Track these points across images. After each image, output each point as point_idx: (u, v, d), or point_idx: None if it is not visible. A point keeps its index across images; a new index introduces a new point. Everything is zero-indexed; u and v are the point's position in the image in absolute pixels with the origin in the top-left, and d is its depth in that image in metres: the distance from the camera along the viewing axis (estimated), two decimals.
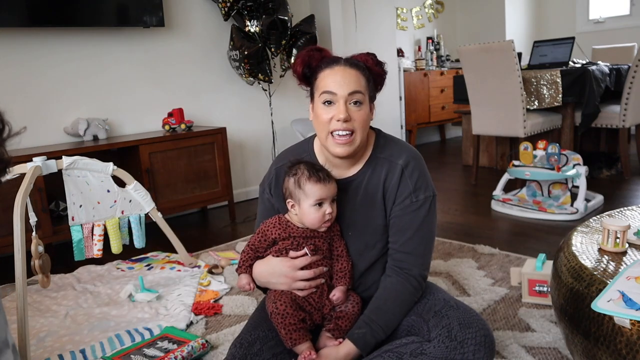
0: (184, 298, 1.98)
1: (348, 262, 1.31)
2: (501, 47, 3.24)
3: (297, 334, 1.21)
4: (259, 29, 3.34)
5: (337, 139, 1.23)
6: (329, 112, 1.23)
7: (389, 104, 4.88)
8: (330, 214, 1.25)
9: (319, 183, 1.23)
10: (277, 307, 1.23)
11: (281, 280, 1.26)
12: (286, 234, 1.27)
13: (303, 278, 1.25)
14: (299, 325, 1.22)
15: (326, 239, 1.29)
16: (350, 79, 1.23)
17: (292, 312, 1.22)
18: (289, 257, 1.27)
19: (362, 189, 1.32)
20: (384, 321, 1.24)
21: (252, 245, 1.31)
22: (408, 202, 1.28)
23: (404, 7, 5.55)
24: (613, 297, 1.04)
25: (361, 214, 1.31)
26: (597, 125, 3.56)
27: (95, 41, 3.03)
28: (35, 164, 1.81)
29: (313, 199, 1.23)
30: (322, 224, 1.26)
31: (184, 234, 2.88)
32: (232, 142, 3.59)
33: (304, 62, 1.29)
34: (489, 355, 1.15)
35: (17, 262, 1.60)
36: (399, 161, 1.30)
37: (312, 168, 1.26)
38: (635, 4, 5.28)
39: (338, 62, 1.26)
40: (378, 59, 1.31)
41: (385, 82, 1.34)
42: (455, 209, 3.11)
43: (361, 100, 1.24)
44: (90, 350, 1.64)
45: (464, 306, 1.25)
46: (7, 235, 2.37)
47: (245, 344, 1.24)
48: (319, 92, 1.25)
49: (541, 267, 1.79)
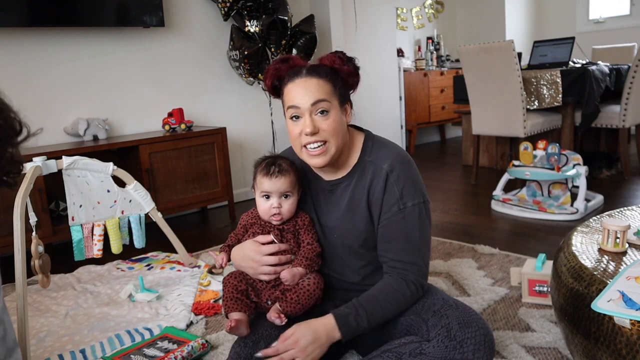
0: (184, 298, 1.98)
1: (313, 250, 1.33)
2: (501, 47, 3.24)
3: (232, 303, 1.28)
4: (258, 29, 3.35)
5: (310, 151, 1.23)
6: (297, 127, 1.23)
7: (389, 104, 4.88)
8: (277, 208, 1.29)
9: (266, 177, 1.29)
10: (227, 279, 1.33)
11: (249, 264, 1.30)
12: (253, 220, 1.36)
13: (268, 263, 1.28)
14: (236, 295, 1.29)
15: (290, 230, 1.33)
16: (312, 89, 1.21)
17: (234, 283, 1.30)
18: (257, 242, 1.31)
19: (349, 193, 1.32)
20: (371, 310, 1.21)
21: (235, 231, 1.42)
22: (395, 209, 1.25)
23: (404, 7, 5.55)
24: (613, 297, 1.04)
25: (345, 219, 1.32)
26: (597, 125, 3.56)
27: (95, 41, 3.04)
28: (35, 164, 1.81)
29: (260, 190, 1.31)
30: (269, 216, 1.31)
31: (184, 234, 2.88)
32: (232, 142, 3.59)
33: (272, 76, 1.28)
34: (488, 355, 1.15)
35: (17, 262, 1.60)
36: (384, 165, 1.27)
37: (270, 162, 1.31)
38: (635, 4, 5.28)
39: (299, 74, 1.24)
40: (347, 56, 1.28)
41: (360, 79, 1.30)
42: (455, 209, 3.11)
43: (327, 108, 1.21)
44: (90, 350, 1.64)
45: (463, 306, 1.24)
46: (7, 235, 2.37)
47: (250, 343, 1.24)
48: (286, 107, 1.26)
49: (541, 267, 1.79)
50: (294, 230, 1.34)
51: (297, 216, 1.34)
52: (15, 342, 0.83)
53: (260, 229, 1.34)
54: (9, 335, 0.81)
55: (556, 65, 3.63)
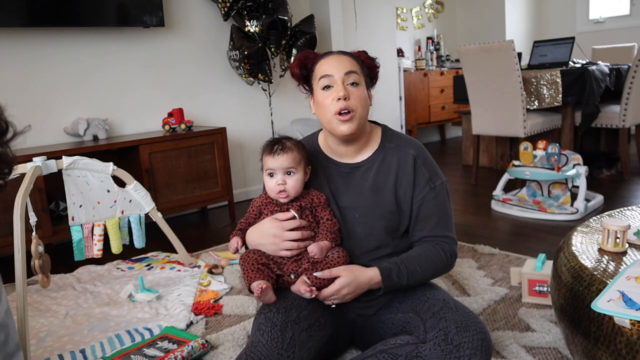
0: (184, 298, 1.98)
1: (334, 224, 1.34)
2: (501, 47, 3.24)
3: (255, 273, 1.27)
4: (258, 29, 3.35)
5: (341, 116, 1.27)
6: (329, 96, 1.28)
7: (389, 104, 4.88)
8: (282, 185, 1.30)
9: (269, 155, 1.31)
10: (245, 255, 1.31)
11: (270, 240, 1.29)
12: (268, 200, 1.36)
13: (290, 238, 1.29)
14: (256, 266, 1.27)
15: (308, 207, 1.34)
16: (345, 62, 1.30)
17: (254, 257, 1.29)
18: (277, 219, 1.31)
19: (372, 175, 1.36)
20: (412, 269, 1.28)
21: (245, 216, 1.41)
22: (427, 189, 1.34)
23: (404, 7, 5.55)
24: (613, 297, 1.04)
25: (370, 199, 1.35)
26: (597, 125, 3.56)
27: (95, 41, 3.04)
28: (35, 164, 1.81)
29: (265, 168, 1.33)
30: (276, 193, 1.32)
31: (184, 234, 2.88)
32: (232, 142, 3.59)
33: (300, 64, 1.36)
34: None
35: (17, 262, 1.60)
36: (410, 151, 1.36)
37: (274, 141, 1.33)
38: (635, 4, 5.28)
39: (331, 53, 1.34)
40: (370, 55, 1.39)
41: (378, 77, 1.41)
42: (455, 209, 3.11)
43: (357, 81, 1.29)
44: (90, 350, 1.64)
45: (463, 308, 1.24)
46: (7, 235, 2.37)
47: (283, 310, 1.23)
48: (317, 78, 1.31)
49: (541, 267, 1.79)
50: (311, 207, 1.34)
51: (311, 194, 1.35)
52: (18, 346, 0.82)
53: (278, 208, 1.34)
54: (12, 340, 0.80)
55: (556, 65, 3.63)
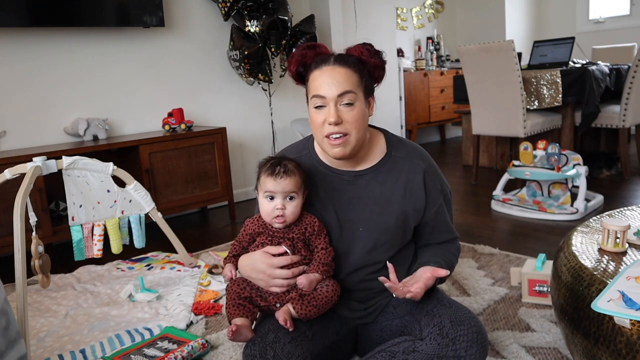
0: (184, 298, 1.98)
1: (328, 254, 1.27)
2: (501, 47, 3.24)
3: (234, 309, 1.24)
4: (259, 29, 3.34)
5: (331, 140, 1.21)
6: (320, 116, 1.21)
7: (389, 104, 4.88)
8: (281, 209, 1.23)
9: (270, 176, 1.23)
10: (229, 287, 1.29)
11: (260, 276, 1.24)
12: (261, 229, 1.29)
13: (280, 277, 1.23)
14: (238, 302, 1.25)
15: (300, 238, 1.27)
16: (340, 78, 1.19)
17: (236, 290, 1.26)
18: (268, 254, 1.25)
19: (378, 186, 1.30)
20: (443, 258, 1.31)
21: (238, 238, 1.35)
22: (440, 200, 1.34)
23: (404, 7, 5.55)
24: (613, 297, 1.03)
25: (375, 212, 1.29)
26: (597, 125, 3.56)
27: (95, 41, 3.04)
28: (35, 164, 1.81)
29: (264, 190, 1.25)
30: (272, 218, 1.25)
31: (184, 234, 2.88)
32: (232, 142, 3.59)
33: (297, 62, 1.27)
34: (481, 352, 1.14)
35: (17, 262, 1.60)
36: (420, 163, 1.32)
37: (275, 162, 1.25)
38: (635, 4, 5.28)
39: (327, 62, 1.22)
40: (375, 49, 1.28)
41: (385, 73, 1.31)
42: (455, 209, 3.11)
43: (352, 100, 1.20)
44: (90, 350, 1.64)
45: (457, 304, 1.25)
46: (7, 235, 2.37)
47: (259, 340, 1.19)
48: (310, 95, 1.23)
49: (541, 267, 1.79)
50: (304, 238, 1.28)
51: (304, 222, 1.28)
52: (19, 333, 0.83)
53: (269, 240, 1.27)
54: (12, 327, 0.81)
55: (556, 65, 3.63)
